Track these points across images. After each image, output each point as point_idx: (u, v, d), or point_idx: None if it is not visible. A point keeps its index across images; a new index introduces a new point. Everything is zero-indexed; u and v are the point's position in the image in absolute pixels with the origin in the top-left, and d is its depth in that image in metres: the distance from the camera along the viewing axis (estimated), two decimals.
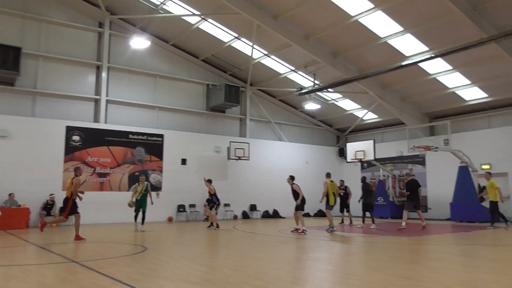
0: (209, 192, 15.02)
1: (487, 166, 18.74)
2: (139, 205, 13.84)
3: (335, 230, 13.11)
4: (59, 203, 16.20)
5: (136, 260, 7.72)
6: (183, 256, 8.34)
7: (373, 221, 15.08)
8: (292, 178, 13.32)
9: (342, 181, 16.83)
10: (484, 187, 18.87)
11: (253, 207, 21.77)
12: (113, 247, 9.62)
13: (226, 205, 20.21)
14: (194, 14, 17.72)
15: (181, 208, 19.39)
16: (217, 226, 14.54)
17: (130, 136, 18.46)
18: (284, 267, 7.05)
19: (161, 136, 19.31)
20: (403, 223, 13.52)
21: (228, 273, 6.38)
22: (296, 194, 13.04)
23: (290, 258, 8.29)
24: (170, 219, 18.87)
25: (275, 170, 22.33)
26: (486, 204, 18.05)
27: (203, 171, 19.68)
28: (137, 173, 18.12)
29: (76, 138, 17.08)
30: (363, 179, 15.91)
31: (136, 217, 13.85)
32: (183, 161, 19.80)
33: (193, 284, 5.46)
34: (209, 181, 15.16)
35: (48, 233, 13.14)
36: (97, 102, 18.24)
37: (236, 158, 20.70)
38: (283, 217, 21.78)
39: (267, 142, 23.02)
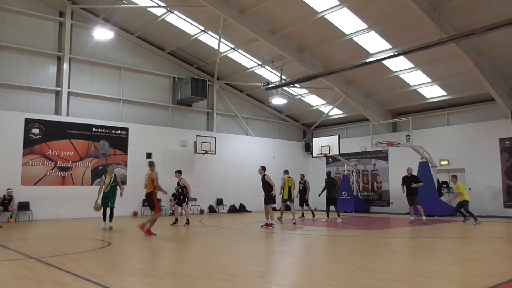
0: (178, 185, 14.02)
1: (445, 162, 19.48)
2: (107, 199, 12.51)
3: (280, 222, 13.75)
4: (17, 198, 15.68)
5: (98, 255, 7.56)
6: (147, 250, 8.24)
7: (338, 215, 15.39)
8: (263, 169, 13.01)
9: (302, 175, 17.05)
10: (444, 182, 19.63)
11: (219, 201, 21.75)
12: (75, 243, 9.39)
13: (193, 199, 20.08)
14: (159, 6, 17.41)
15: (146, 202, 19.10)
16: (187, 222, 13.69)
17: (94, 129, 18.01)
18: (249, 260, 7.09)
19: (126, 129, 18.95)
20: (423, 217, 14.60)
21: (193, 267, 6.36)
22: (268, 185, 12.71)
23: (255, 252, 8.34)
24: (135, 214, 18.60)
25: (242, 165, 22.41)
26: (444, 198, 18.76)
27: (169, 165, 19.47)
28: (100, 167, 17.74)
29: (35, 131, 16.50)
30: (328, 174, 16.20)
31: (104, 214, 12.64)
32: (148, 155, 19.51)
33: (157, 279, 5.41)
34: (179, 172, 14.15)
35: (5, 229, 12.68)
36: (58, 94, 17.66)
37: (203, 152, 20.60)
38: (250, 211, 21.91)
39: (234, 136, 23.01)
